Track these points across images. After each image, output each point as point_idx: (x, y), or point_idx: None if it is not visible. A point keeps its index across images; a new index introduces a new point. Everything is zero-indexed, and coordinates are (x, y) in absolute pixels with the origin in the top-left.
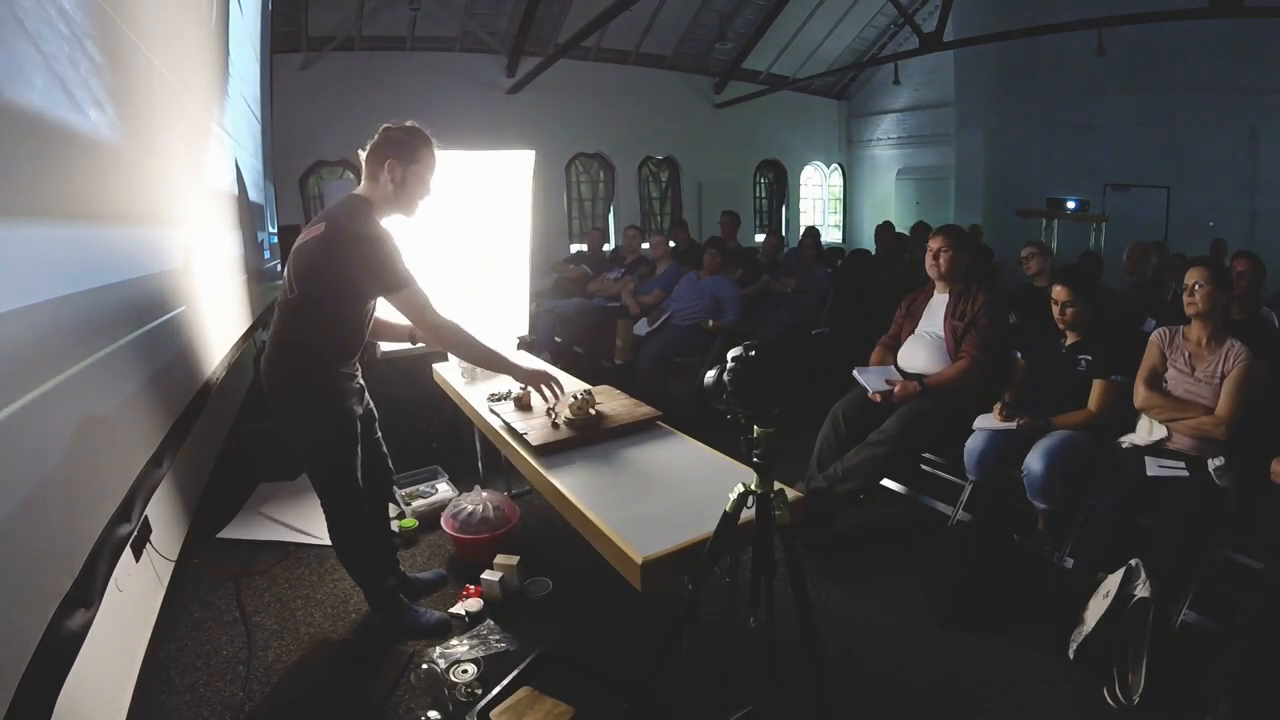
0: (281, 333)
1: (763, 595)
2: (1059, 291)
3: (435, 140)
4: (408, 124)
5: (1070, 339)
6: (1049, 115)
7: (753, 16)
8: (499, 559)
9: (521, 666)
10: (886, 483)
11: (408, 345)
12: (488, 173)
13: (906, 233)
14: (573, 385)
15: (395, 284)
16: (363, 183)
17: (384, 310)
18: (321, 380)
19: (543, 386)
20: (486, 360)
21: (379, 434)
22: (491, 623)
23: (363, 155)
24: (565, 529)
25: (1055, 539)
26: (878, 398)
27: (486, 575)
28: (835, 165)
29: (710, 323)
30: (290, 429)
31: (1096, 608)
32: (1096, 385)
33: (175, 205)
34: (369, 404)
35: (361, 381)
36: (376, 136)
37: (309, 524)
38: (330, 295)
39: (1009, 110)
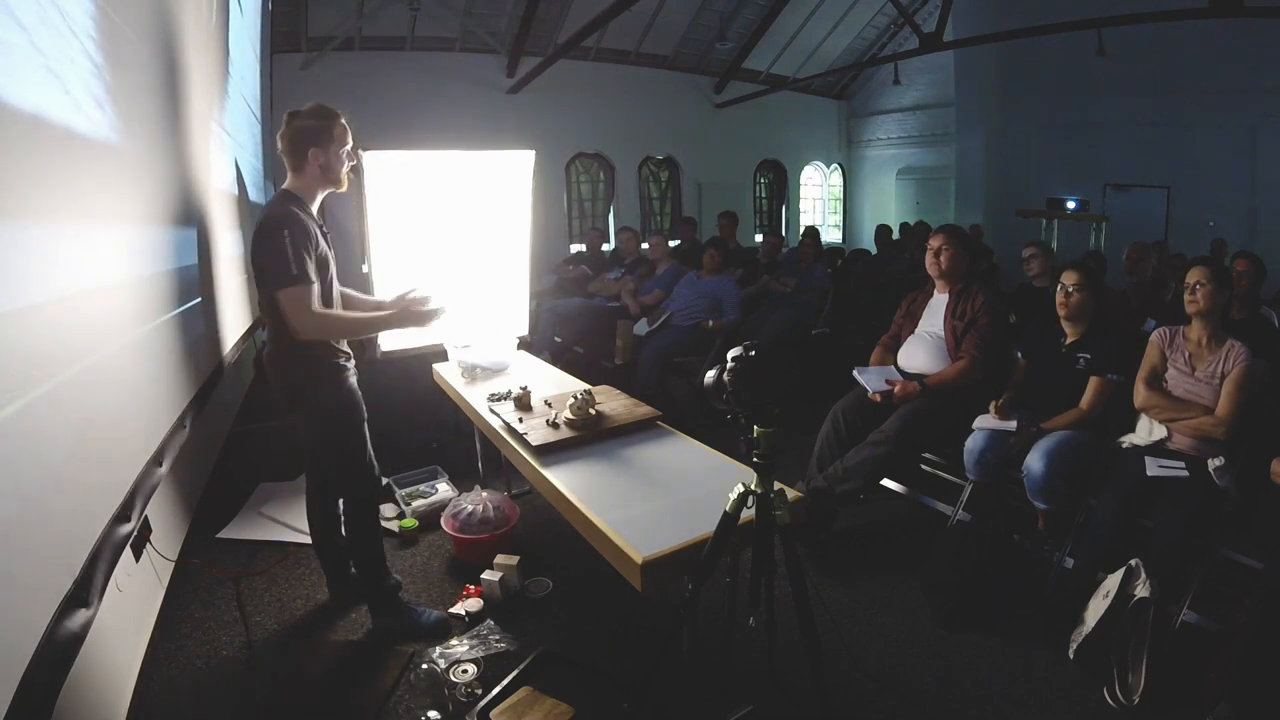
0: (270, 328)
1: (763, 595)
2: (1069, 275)
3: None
4: (307, 107)
5: (1070, 336)
6: (1049, 115)
7: (753, 16)
8: (499, 559)
9: (521, 666)
10: (886, 483)
11: (408, 345)
12: (488, 173)
13: (900, 236)
14: (573, 385)
15: (281, 279)
16: (288, 177)
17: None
18: (315, 366)
19: (424, 316)
20: (368, 328)
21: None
22: (491, 623)
23: (279, 148)
24: (565, 529)
25: (1055, 539)
26: (878, 398)
27: (486, 575)
28: (835, 165)
29: (710, 323)
30: (300, 418)
31: (1096, 608)
32: (1092, 382)
33: (174, 205)
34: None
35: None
36: (285, 127)
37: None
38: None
39: (1009, 110)
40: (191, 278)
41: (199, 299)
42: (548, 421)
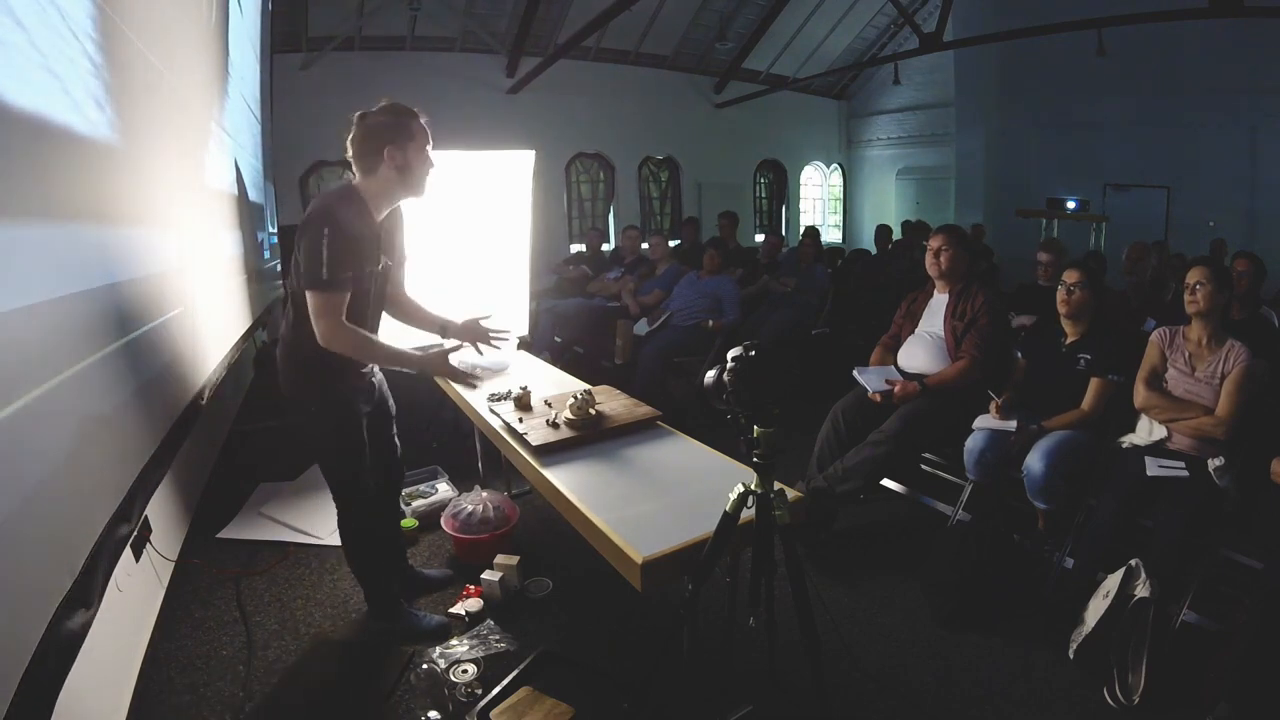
0: (286, 326)
1: (763, 595)
2: (1070, 273)
3: (432, 133)
4: (383, 104)
5: (1071, 337)
6: (1049, 115)
7: (753, 16)
8: (499, 559)
9: (521, 666)
10: (886, 483)
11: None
12: (488, 173)
13: (902, 234)
14: (573, 385)
15: (312, 280)
16: (358, 177)
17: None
18: (321, 378)
19: (456, 375)
20: (392, 361)
21: (395, 432)
22: (491, 623)
23: (348, 154)
24: (565, 529)
25: (1055, 539)
26: (878, 398)
27: (486, 575)
28: (835, 165)
29: (710, 323)
30: (300, 425)
31: (1096, 608)
32: (1093, 383)
33: (174, 206)
34: (386, 402)
35: (378, 378)
36: (356, 128)
37: (309, 524)
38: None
39: (1009, 110)
40: (190, 278)
41: (198, 301)
42: (548, 421)
